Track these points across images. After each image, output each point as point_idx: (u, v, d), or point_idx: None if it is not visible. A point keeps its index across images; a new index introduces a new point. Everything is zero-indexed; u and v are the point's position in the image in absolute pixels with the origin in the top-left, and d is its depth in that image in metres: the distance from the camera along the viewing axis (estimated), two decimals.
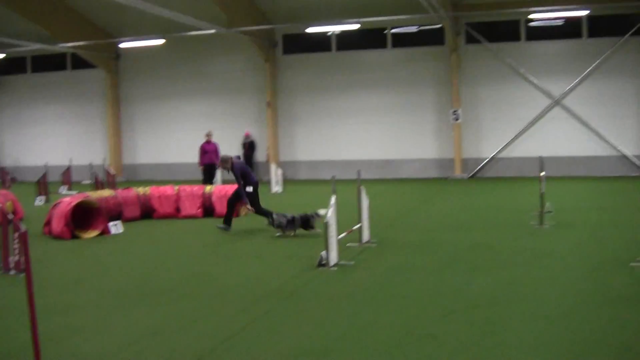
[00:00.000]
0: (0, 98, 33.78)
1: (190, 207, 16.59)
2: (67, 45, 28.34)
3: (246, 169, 14.06)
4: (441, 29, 26.30)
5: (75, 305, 8.30)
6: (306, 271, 9.79)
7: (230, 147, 28.16)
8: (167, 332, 7.04)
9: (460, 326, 6.91)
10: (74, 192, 21.41)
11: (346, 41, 28.24)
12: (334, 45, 28.42)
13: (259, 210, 13.94)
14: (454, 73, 26.27)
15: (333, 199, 10.06)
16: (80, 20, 28.44)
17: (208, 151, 21.58)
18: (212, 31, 25.38)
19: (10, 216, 10.44)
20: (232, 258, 11.34)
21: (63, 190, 24.12)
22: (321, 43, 28.42)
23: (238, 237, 13.56)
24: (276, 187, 22.65)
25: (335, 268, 9.80)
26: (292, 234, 13.04)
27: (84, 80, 31.90)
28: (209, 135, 21.94)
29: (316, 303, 8.10)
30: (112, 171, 24.07)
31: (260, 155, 28.61)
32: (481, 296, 8.08)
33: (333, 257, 9.91)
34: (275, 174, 22.83)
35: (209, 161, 21.49)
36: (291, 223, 13.01)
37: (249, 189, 13.84)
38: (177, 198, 16.74)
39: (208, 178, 21.45)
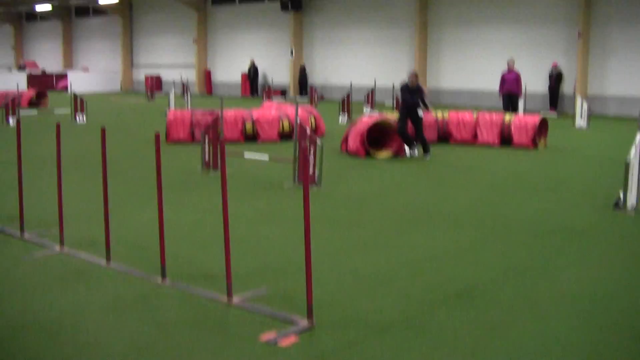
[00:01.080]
0: (314, 19, 35.38)
1: (488, 135, 16.15)
2: None
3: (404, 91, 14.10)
4: None
5: (358, 221, 8.46)
6: (599, 211, 9.03)
7: (536, 78, 27.01)
8: (444, 259, 6.90)
9: None
10: (375, 112, 21.93)
11: None
12: None
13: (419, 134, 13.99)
14: None
15: (638, 138, 9.05)
16: None
17: (507, 80, 20.81)
18: None
19: (308, 131, 10.85)
20: (522, 190, 10.85)
21: (366, 110, 24.80)
22: None
23: (535, 167, 12.96)
24: (580, 122, 21.26)
25: (633, 213, 8.88)
26: None
27: (394, 4, 32.20)
28: (510, 63, 21.13)
29: (606, 246, 7.43)
30: None
31: (567, 88, 27.03)
32: None
33: (632, 200, 8.98)
34: (581, 108, 21.40)
35: (508, 90, 20.73)
36: None
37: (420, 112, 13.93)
38: (475, 125, 16.37)
39: (507, 107, 20.73)
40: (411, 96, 13.87)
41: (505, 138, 15.97)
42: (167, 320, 5.35)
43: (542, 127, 16.01)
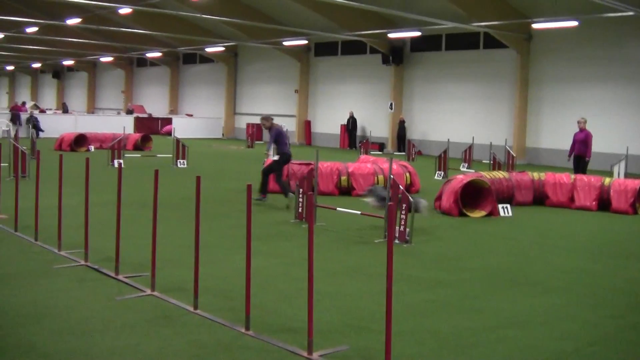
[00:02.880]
0: (414, 73, 35.59)
1: (585, 198, 15.74)
2: (481, 25, 28.72)
3: (281, 136, 14.81)
4: None
5: (445, 281, 8.38)
6: None
7: (639, 139, 26.25)
8: (529, 325, 6.74)
9: None
10: (471, 170, 21.74)
11: None
12: None
13: (278, 180, 14.67)
14: None
15: None
16: (495, 0, 28.56)
17: (576, 141, 19.53)
18: (630, 13, 23.63)
19: (401, 187, 10.87)
20: (617, 257, 10.51)
21: (463, 167, 24.63)
22: None
23: (634, 234, 12.56)
24: None
25: None
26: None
27: (495, 60, 32.08)
28: (580, 122, 19.66)
29: None
30: (513, 153, 23.91)
31: None
32: None
33: None
34: None
35: (577, 152, 19.44)
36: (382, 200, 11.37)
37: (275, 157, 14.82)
38: (572, 187, 16.00)
39: (577, 170, 19.33)
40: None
41: (604, 202, 15.54)
42: None
43: None
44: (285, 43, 38.09)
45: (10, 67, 70.13)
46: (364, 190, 12.99)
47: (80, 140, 28.82)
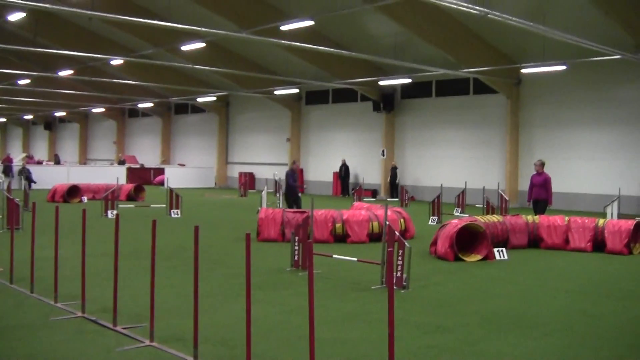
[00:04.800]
0: (405, 119, 35.87)
1: (580, 240, 15.77)
2: (470, 71, 29.07)
3: (290, 177, 21.01)
4: None
5: (445, 326, 8.34)
6: None
7: (632, 180, 26.43)
8: None
9: None
10: (465, 215, 21.78)
11: None
12: None
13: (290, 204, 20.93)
14: None
15: None
16: (484, 46, 28.93)
17: (535, 184, 18.81)
18: (617, 57, 23.99)
19: (397, 234, 10.89)
20: (616, 297, 10.50)
21: (456, 211, 24.68)
22: None
23: (631, 273, 12.57)
24: None
25: None
26: None
27: (485, 105, 32.40)
28: (537, 165, 18.82)
29: None
30: (506, 196, 24.00)
31: None
32: None
33: None
34: None
35: (536, 196, 18.75)
36: None
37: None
38: (567, 229, 16.04)
39: (536, 213, 18.41)
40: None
41: (598, 243, 15.57)
42: None
43: (638, 232, 15.56)
44: (277, 92, 38.42)
45: (2, 119, 70.37)
46: None
47: (73, 192, 28.80)
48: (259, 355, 6.78)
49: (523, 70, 28.46)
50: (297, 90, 38.18)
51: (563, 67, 26.14)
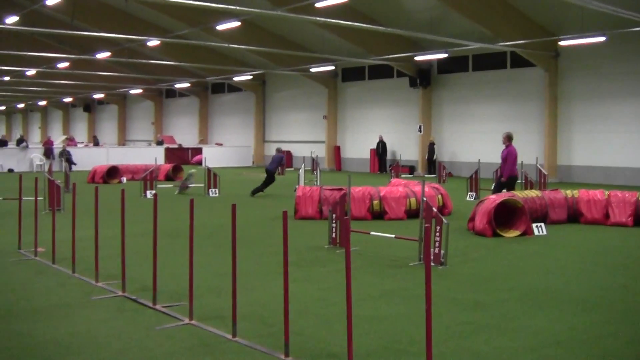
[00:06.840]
0: (442, 95, 35.57)
1: (620, 215, 15.55)
2: (507, 44, 28.68)
3: (274, 159, 23.06)
4: None
5: (483, 302, 8.31)
6: None
7: None
8: (571, 344, 6.65)
9: None
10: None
11: None
12: None
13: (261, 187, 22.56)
14: None
15: None
16: (521, 18, 28.49)
17: (501, 158, 16.54)
18: None
19: (434, 209, 10.84)
20: None
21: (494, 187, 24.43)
22: None
23: None
24: None
25: None
26: None
27: (522, 79, 31.98)
28: (504, 138, 16.51)
29: None
30: (545, 171, 23.73)
31: None
32: None
33: None
34: None
35: (502, 171, 16.57)
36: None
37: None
38: (607, 203, 15.82)
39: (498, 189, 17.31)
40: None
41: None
42: None
43: None
44: (312, 69, 38.31)
45: (42, 102, 71.32)
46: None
47: (112, 173, 29.17)
48: (297, 332, 6.83)
49: (561, 43, 27.95)
50: (332, 67, 38.01)
51: (602, 39, 25.63)
